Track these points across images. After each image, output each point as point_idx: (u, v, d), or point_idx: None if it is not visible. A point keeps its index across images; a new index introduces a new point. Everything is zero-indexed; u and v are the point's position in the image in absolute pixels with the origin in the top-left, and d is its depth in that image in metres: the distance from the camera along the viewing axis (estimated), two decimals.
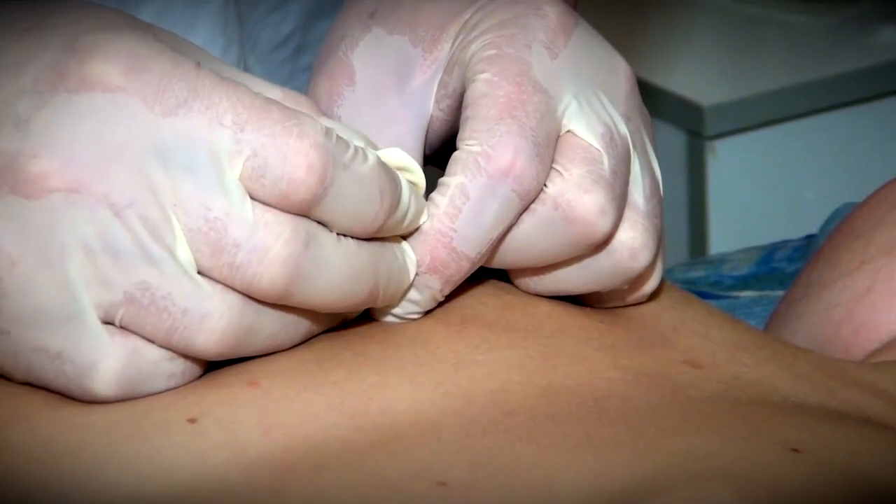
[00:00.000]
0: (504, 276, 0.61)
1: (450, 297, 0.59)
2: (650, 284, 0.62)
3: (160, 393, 0.54)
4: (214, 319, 0.52)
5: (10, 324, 0.53)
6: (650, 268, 0.60)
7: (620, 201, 0.58)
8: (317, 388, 0.55)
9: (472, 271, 0.58)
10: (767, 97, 1.49)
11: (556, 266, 0.59)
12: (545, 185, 0.57)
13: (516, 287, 0.61)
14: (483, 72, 0.58)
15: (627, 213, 0.59)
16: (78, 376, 0.53)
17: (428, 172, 0.59)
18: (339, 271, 0.54)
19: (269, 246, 0.52)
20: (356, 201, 0.54)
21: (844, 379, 0.63)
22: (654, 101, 0.57)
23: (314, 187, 0.52)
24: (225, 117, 0.52)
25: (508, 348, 0.58)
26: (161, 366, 0.53)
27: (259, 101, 0.52)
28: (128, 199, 0.52)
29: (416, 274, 0.57)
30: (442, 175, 0.57)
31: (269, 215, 0.52)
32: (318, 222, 0.53)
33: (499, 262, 0.59)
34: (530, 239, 0.58)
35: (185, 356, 0.53)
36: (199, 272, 0.52)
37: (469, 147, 0.57)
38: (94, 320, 0.52)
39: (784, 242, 1.00)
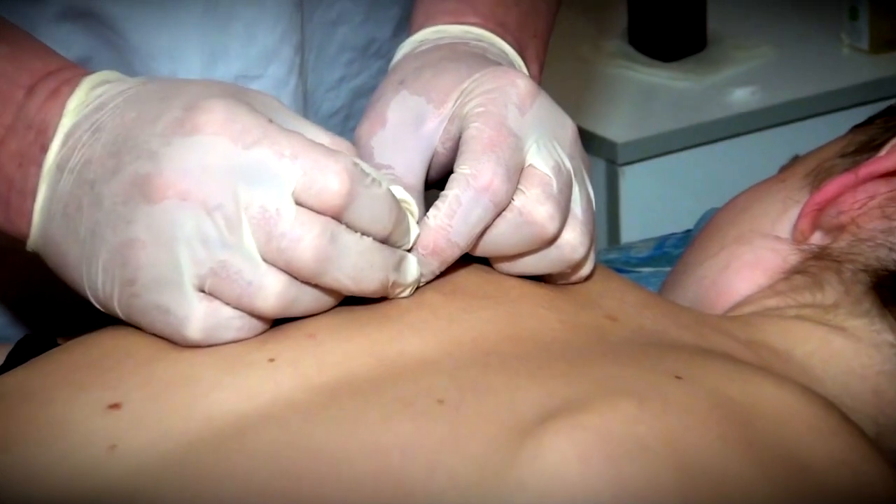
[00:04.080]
0: (484, 261, 0.61)
1: (445, 275, 0.58)
2: (586, 269, 0.61)
3: (247, 344, 0.54)
4: (269, 289, 0.52)
5: (142, 289, 0.53)
6: (585, 258, 0.60)
7: (565, 212, 0.58)
8: (355, 339, 0.55)
9: (459, 256, 0.57)
10: (661, 136, 1.49)
11: (521, 255, 0.59)
12: (513, 199, 0.57)
13: (493, 269, 0.60)
14: (475, 122, 0.57)
15: (570, 221, 0.58)
16: (178, 326, 0.53)
17: (432, 195, 0.59)
18: (356, 259, 0.53)
19: (304, 236, 0.51)
20: (372, 211, 0.53)
21: (712, 327, 0.63)
22: (584, 139, 0.57)
23: (344, 196, 0.52)
24: (285, 150, 0.52)
25: (485, 309, 0.58)
26: (232, 321, 0.53)
27: (309, 141, 0.53)
28: (216, 203, 0.52)
29: (422, 260, 0.57)
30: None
31: (307, 215, 0.52)
32: (347, 225, 0.53)
33: (481, 252, 0.58)
34: (503, 237, 0.57)
35: (250, 315, 0.53)
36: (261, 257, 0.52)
37: (462, 170, 0.56)
38: (190, 288, 0.52)
39: (671, 234, 1.00)
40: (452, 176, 0.57)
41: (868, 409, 0.62)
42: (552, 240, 0.58)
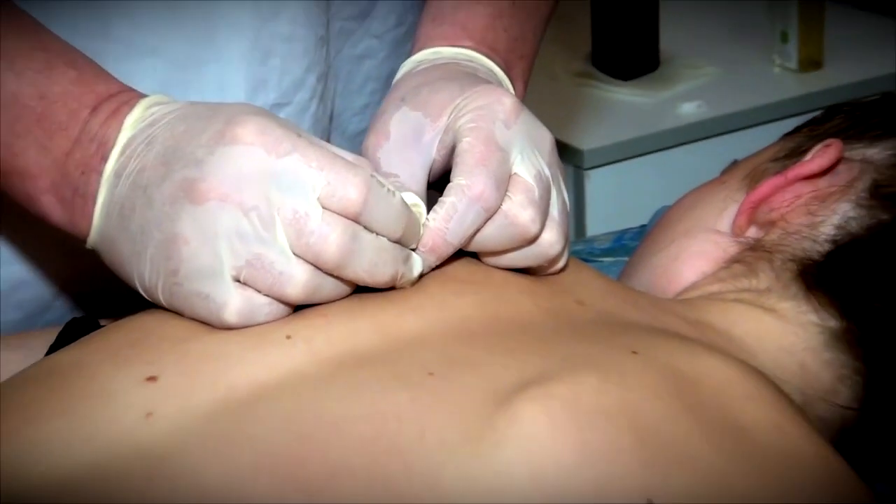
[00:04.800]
0: (475, 255, 0.60)
1: (440, 266, 0.58)
2: (561, 263, 0.61)
3: (268, 324, 0.53)
4: (297, 279, 0.52)
5: (184, 279, 0.52)
6: (561, 254, 0.60)
7: (544, 215, 0.58)
8: (362, 319, 0.54)
9: (453, 252, 0.57)
10: (621, 144, 1.49)
11: (506, 251, 0.59)
12: (501, 205, 0.57)
13: (483, 262, 0.60)
14: (466, 136, 0.57)
15: (548, 222, 0.58)
16: (216, 311, 0.53)
17: (431, 195, 0.59)
18: (372, 255, 0.53)
19: (330, 234, 0.51)
20: (386, 216, 0.53)
21: (663, 310, 0.63)
22: None
23: (361, 204, 0.52)
24: (312, 161, 0.52)
25: (473, 294, 0.57)
26: (263, 307, 0.53)
27: (333, 154, 0.53)
28: (252, 204, 0.52)
29: (422, 256, 0.57)
30: (440, 195, 0.57)
31: (332, 217, 0.52)
32: (365, 227, 0.53)
33: (473, 248, 0.58)
34: (492, 237, 0.57)
35: (279, 301, 0.53)
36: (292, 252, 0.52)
37: (458, 181, 0.56)
38: (228, 277, 0.52)
39: (629, 229, 1.00)
40: (449, 185, 0.57)
41: (795, 380, 0.62)
42: (533, 239, 0.58)
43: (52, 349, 0.60)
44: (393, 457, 0.48)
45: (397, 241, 0.54)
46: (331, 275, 0.53)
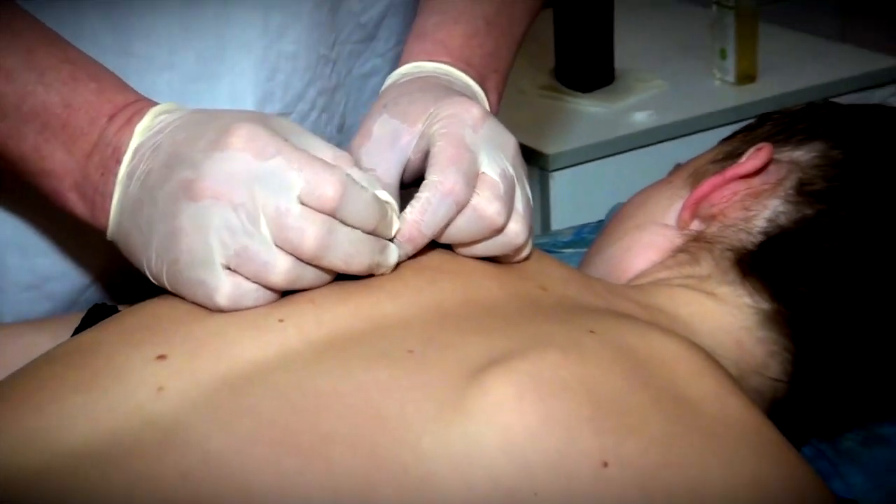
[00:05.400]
0: (448, 246, 0.60)
1: (416, 256, 0.57)
2: (525, 252, 0.60)
3: (263, 309, 0.53)
4: (279, 268, 0.52)
5: (183, 266, 0.52)
6: (525, 243, 0.59)
7: (510, 208, 0.57)
8: (347, 304, 0.54)
9: (427, 242, 0.57)
10: (581, 149, 1.48)
11: (476, 241, 0.58)
12: (470, 199, 0.56)
13: (455, 253, 0.60)
14: (439, 140, 0.57)
15: (513, 215, 0.58)
16: (210, 295, 0.52)
17: (407, 193, 0.58)
18: (347, 247, 0.53)
19: (307, 228, 0.51)
20: (359, 210, 0.53)
21: (618, 295, 0.62)
22: (522, 152, 0.56)
23: (337, 200, 0.51)
24: (294, 163, 0.51)
25: (445, 281, 0.57)
26: (251, 292, 0.52)
27: (313, 157, 0.52)
28: (240, 202, 0.51)
29: (398, 245, 0.56)
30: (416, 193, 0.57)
31: (309, 213, 0.51)
32: (342, 221, 0.52)
33: (445, 240, 0.58)
34: (463, 228, 0.57)
35: (265, 287, 0.53)
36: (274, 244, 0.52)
37: (432, 178, 0.56)
38: (219, 266, 0.52)
39: (587, 223, 1.00)
40: (424, 182, 0.56)
41: (732, 356, 0.62)
42: (500, 230, 0.57)
43: (76, 332, 0.59)
44: (377, 425, 0.47)
45: (372, 233, 0.54)
46: (310, 264, 0.52)
